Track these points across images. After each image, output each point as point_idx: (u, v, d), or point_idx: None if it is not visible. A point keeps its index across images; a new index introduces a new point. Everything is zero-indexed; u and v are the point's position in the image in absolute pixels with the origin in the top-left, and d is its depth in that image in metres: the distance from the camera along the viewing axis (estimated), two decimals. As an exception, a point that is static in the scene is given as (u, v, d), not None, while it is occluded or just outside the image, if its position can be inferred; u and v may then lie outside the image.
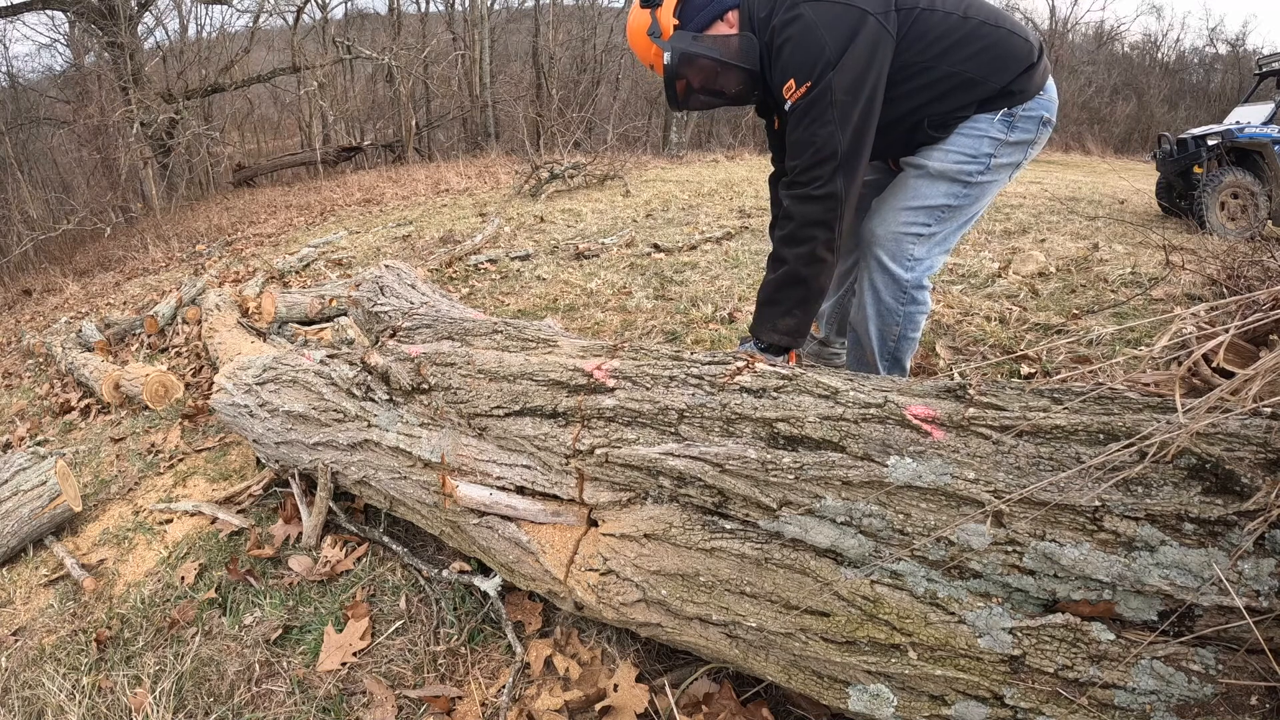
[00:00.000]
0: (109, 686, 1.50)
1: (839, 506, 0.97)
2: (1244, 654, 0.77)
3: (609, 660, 1.35)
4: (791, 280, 1.63)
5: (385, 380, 1.62)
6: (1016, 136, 1.61)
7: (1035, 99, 1.61)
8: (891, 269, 1.70)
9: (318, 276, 5.34)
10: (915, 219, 1.67)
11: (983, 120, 1.60)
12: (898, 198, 1.71)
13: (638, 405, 1.20)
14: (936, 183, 1.65)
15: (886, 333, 1.78)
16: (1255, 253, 3.12)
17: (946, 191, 1.65)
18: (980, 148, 1.61)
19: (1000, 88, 1.57)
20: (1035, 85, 1.60)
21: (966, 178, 1.63)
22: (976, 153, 1.61)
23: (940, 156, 1.64)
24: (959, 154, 1.62)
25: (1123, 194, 7.76)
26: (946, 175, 1.64)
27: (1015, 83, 1.58)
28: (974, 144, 1.61)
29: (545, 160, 9.16)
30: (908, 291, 1.72)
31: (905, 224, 1.68)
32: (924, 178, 1.67)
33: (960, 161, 1.62)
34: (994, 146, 1.61)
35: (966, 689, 0.87)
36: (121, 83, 12.95)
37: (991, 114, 1.59)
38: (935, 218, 1.67)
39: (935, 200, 1.65)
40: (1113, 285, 3.34)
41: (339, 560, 1.76)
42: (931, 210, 1.67)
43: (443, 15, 19.36)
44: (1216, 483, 0.80)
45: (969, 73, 1.56)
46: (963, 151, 1.62)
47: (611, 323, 3.24)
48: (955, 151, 1.63)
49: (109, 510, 2.35)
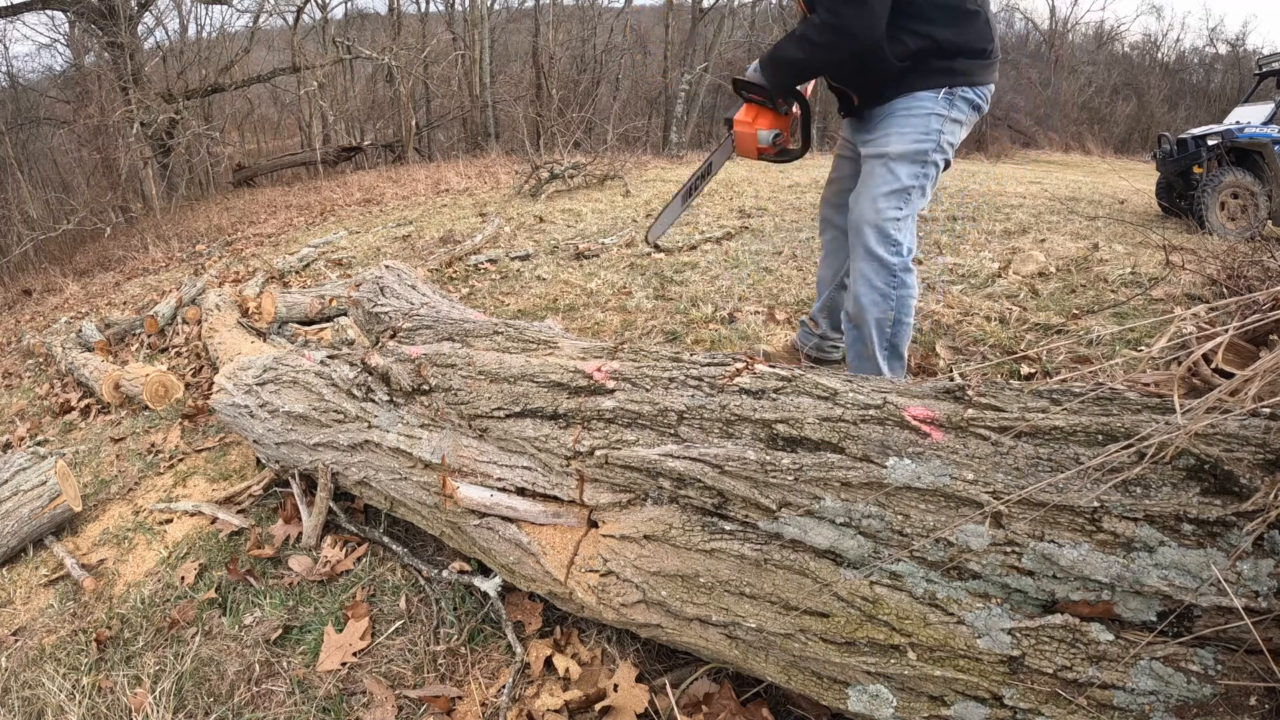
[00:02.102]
0: (109, 686, 1.50)
1: (838, 507, 0.97)
2: (1243, 654, 0.77)
3: (609, 660, 1.36)
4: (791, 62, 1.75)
5: (386, 381, 1.62)
6: (955, 114, 1.74)
7: (974, 88, 1.74)
8: (880, 254, 1.78)
9: (318, 276, 5.34)
10: (890, 204, 1.77)
11: (925, 98, 1.72)
12: (871, 187, 1.80)
13: (637, 407, 1.20)
14: (899, 166, 1.76)
15: (884, 320, 1.84)
16: (1255, 253, 3.12)
17: (909, 172, 1.76)
18: (930, 125, 1.73)
19: (955, 49, 1.68)
20: (980, 75, 1.73)
21: (924, 156, 1.75)
22: (928, 130, 1.73)
23: (897, 140, 1.75)
24: (913, 134, 1.74)
25: (1123, 194, 7.76)
26: (906, 157, 1.75)
27: (966, 60, 1.70)
28: (923, 122, 1.73)
29: (545, 160, 9.15)
30: (897, 275, 1.80)
31: (883, 210, 1.77)
32: (888, 163, 1.77)
33: (916, 141, 1.74)
34: (940, 123, 1.73)
35: (966, 689, 0.87)
36: (121, 83, 12.95)
37: (934, 91, 1.71)
38: (904, 200, 1.78)
39: (904, 182, 1.76)
40: (1113, 285, 3.34)
41: (339, 560, 1.76)
42: (902, 193, 1.77)
43: (443, 15, 19.37)
44: (1215, 483, 0.80)
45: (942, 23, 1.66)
46: (915, 131, 1.73)
47: (611, 323, 3.24)
48: (909, 133, 1.74)
49: (109, 510, 2.35)
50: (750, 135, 1.90)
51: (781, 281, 3.68)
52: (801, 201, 6.51)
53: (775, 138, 1.90)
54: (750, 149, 1.93)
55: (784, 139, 1.92)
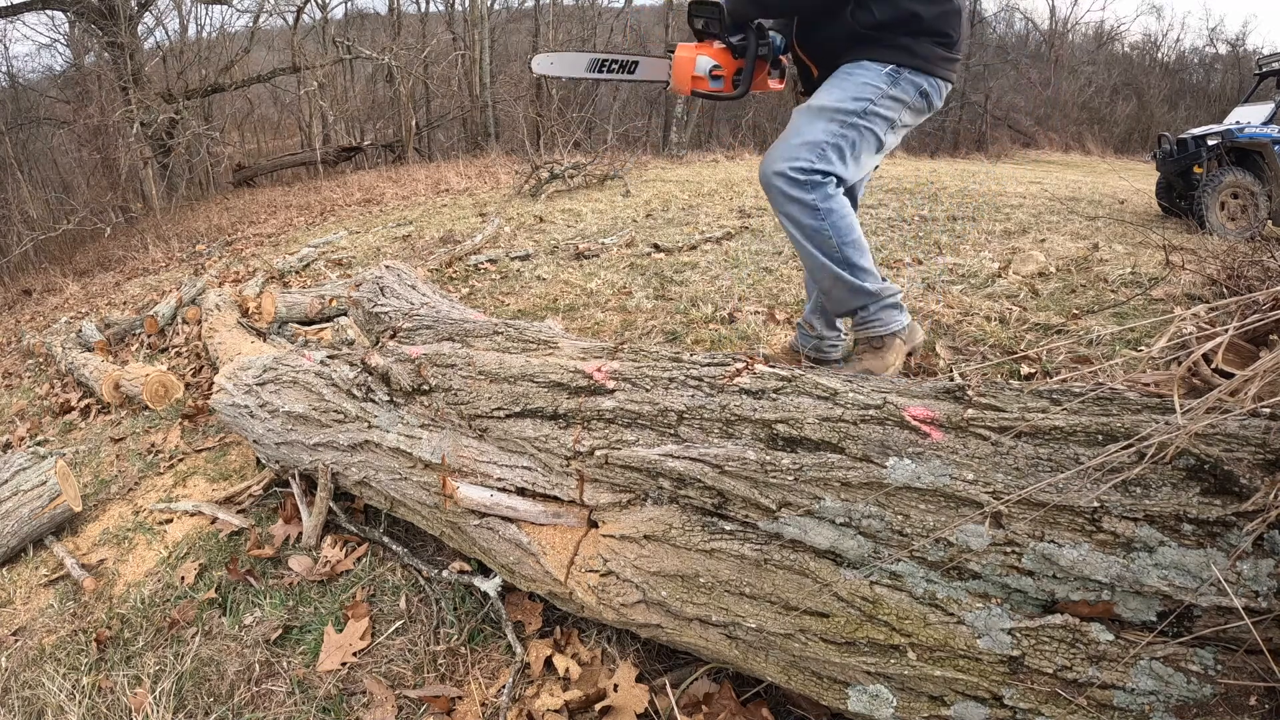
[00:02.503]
0: (109, 686, 1.50)
1: (838, 508, 0.97)
2: (1243, 654, 0.77)
3: (609, 660, 1.36)
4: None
5: (386, 381, 1.62)
6: (896, 92, 1.71)
7: (926, 76, 1.72)
8: (794, 194, 1.74)
9: (318, 276, 5.34)
10: (803, 152, 1.72)
11: (870, 67, 1.71)
12: (787, 136, 1.77)
13: (637, 407, 1.20)
14: (819, 119, 1.73)
15: (828, 250, 1.79)
16: (1255, 253, 3.11)
17: (827, 129, 1.72)
18: (864, 90, 1.70)
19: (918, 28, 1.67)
20: (936, 65, 1.71)
21: (847, 116, 1.71)
22: (860, 94, 1.70)
23: (824, 95, 1.73)
24: (841, 92, 1.72)
25: (1123, 194, 7.76)
26: (828, 111, 1.72)
27: (928, 44, 1.69)
28: (857, 86, 1.71)
29: (545, 160, 9.16)
30: (819, 206, 1.74)
31: (795, 158, 1.72)
32: (809, 113, 1.75)
33: (842, 101, 1.71)
34: (875, 93, 1.70)
35: (966, 689, 0.87)
36: (121, 83, 12.95)
37: (881, 64, 1.70)
38: (819, 154, 1.72)
39: (819, 136, 1.72)
40: (1113, 285, 3.34)
41: (339, 560, 1.76)
42: (816, 146, 1.72)
43: (443, 15, 19.36)
44: (1215, 483, 0.80)
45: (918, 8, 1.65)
46: (847, 92, 1.71)
47: (611, 323, 3.24)
48: (838, 91, 1.72)
49: (109, 510, 2.35)
50: (689, 60, 1.81)
51: (781, 281, 3.68)
52: (801, 201, 6.50)
53: (713, 69, 1.80)
54: (685, 76, 1.83)
55: (723, 75, 1.81)
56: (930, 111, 1.82)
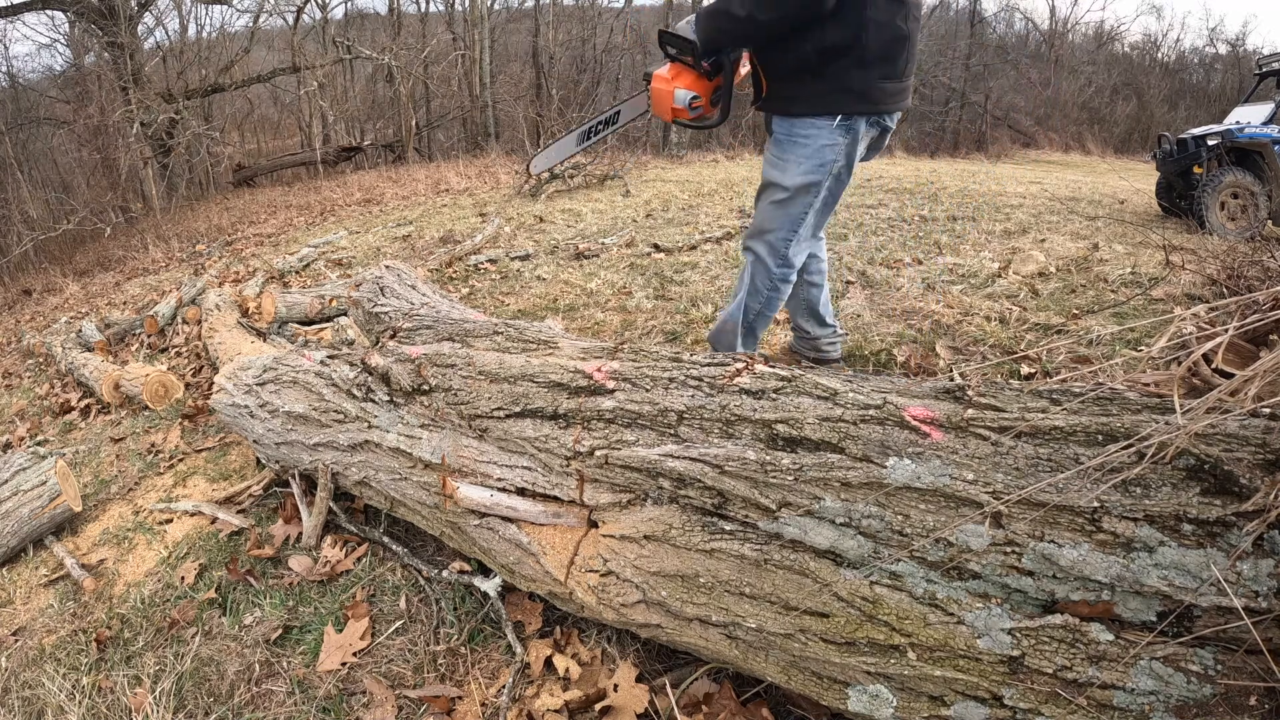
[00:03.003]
0: (109, 686, 1.50)
1: (838, 508, 0.97)
2: (1243, 654, 0.77)
3: (609, 660, 1.36)
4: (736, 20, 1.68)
5: (386, 381, 1.62)
6: (851, 139, 1.80)
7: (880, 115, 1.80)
8: (769, 264, 1.96)
9: (318, 276, 5.34)
10: (786, 229, 1.90)
11: (823, 126, 1.76)
12: (770, 210, 1.90)
13: (637, 407, 1.20)
14: (796, 198, 1.85)
15: (752, 307, 2.03)
16: (1255, 253, 3.11)
17: (804, 203, 1.86)
18: (825, 156, 1.79)
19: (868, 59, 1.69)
20: (884, 102, 1.77)
21: (817, 188, 1.84)
22: (823, 161, 1.80)
23: (794, 171, 1.82)
24: (808, 165, 1.80)
25: (1123, 194, 7.76)
26: (802, 189, 1.84)
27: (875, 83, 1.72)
28: (818, 155, 1.79)
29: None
30: (775, 283, 1.99)
31: (779, 232, 1.91)
32: (783, 193, 1.86)
33: (810, 174, 1.81)
34: (835, 152, 1.79)
35: (966, 689, 0.87)
36: (121, 83, 12.94)
37: (831, 118, 1.76)
38: (799, 224, 1.90)
39: (797, 212, 1.88)
40: (1113, 285, 3.34)
41: (339, 560, 1.76)
42: (797, 219, 1.89)
43: (443, 15, 19.35)
44: (1215, 483, 0.80)
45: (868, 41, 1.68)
46: (811, 164, 1.80)
47: (611, 323, 3.24)
48: (805, 164, 1.80)
49: (109, 510, 2.35)
50: (667, 93, 1.80)
51: (781, 281, 3.67)
52: (801, 201, 6.50)
53: (693, 100, 1.79)
54: (665, 109, 1.83)
55: (702, 104, 1.82)
56: (885, 138, 1.93)
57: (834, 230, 5.06)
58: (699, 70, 1.80)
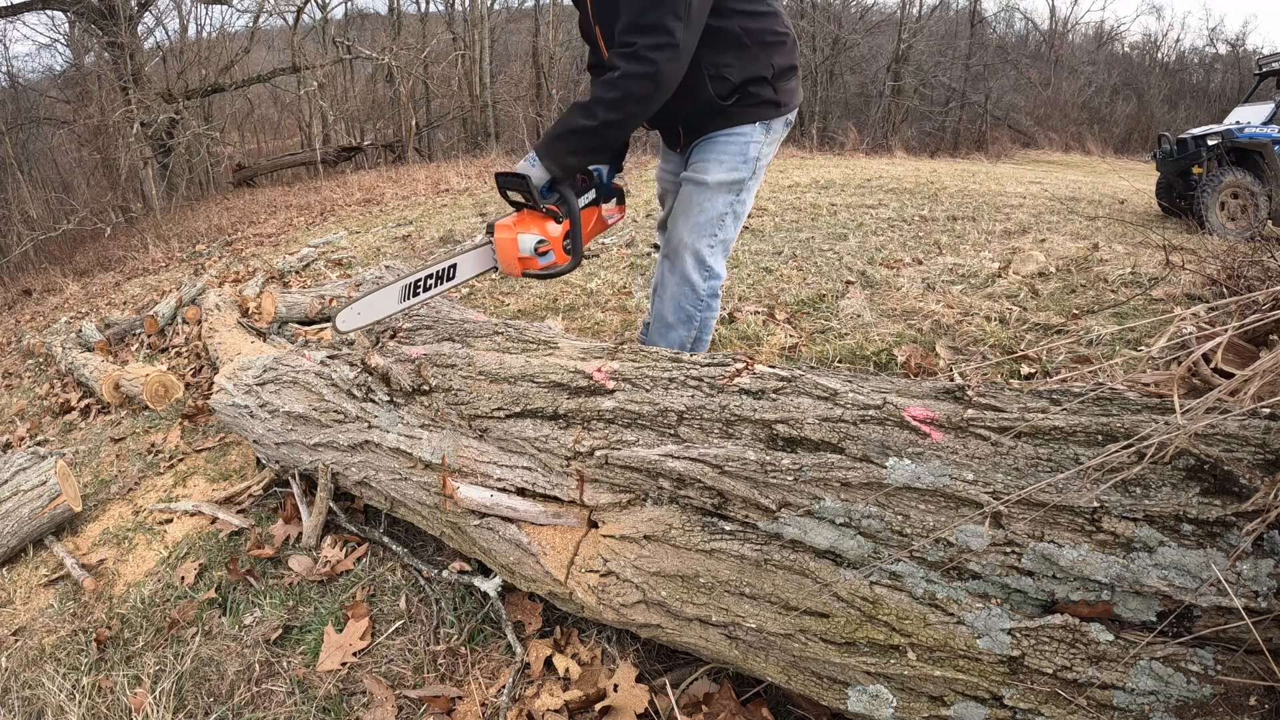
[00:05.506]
0: (109, 686, 1.50)
1: (838, 508, 0.97)
2: (1243, 654, 0.77)
3: (609, 660, 1.36)
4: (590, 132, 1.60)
5: (386, 381, 1.62)
6: (771, 139, 1.81)
7: (790, 111, 1.81)
8: (694, 280, 1.83)
9: (318, 276, 5.34)
10: (708, 231, 1.81)
11: (746, 130, 1.76)
12: (691, 214, 1.81)
13: (637, 407, 1.20)
14: (718, 195, 1.79)
15: (686, 338, 1.91)
16: (1255, 253, 3.12)
17: (725, 201, 1.80)
18: (748, 153, 1.77)
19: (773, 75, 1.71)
20: (792, 99, 1.79)
21: (740, 185, 1.80)
22: (745, 158, 1.78)
23: (716, 169, 1.77)
24: (730, 162, 1.77)
25: (1123, 194, 7.76)
26: (724, 186, 1.78)
27: (785, 85, 1.75)
28: (741, 151, 1.77)
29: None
30: (704, 300, 1.86)
31: (701, 237, 1.81)
32: (706, 191, 1.79)
33: (734, 170, 1.78)
34: (758, 149, 1.78)
35: (965, 690, 0.87)
36: (121, 83, 12.94)
37: (751, 125, 1.75)
38: (720, 226, 1.82)
39: (720, 210, 1.80)
40: (1113, 285, 3.34)
41: (339, 560, 1.76)
42: (718, 220, 1.81)
43: (443, 15, 19.34)
44: (1215, 484, 0.80)
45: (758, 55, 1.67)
46: (734, 159, 1.77)
47: (611, 323, 3.24)
48: (728, 161, 1.77)
49: (109, 510, 2.35)
50: (510, 241, 1.61)
51: (781, 281, 3.68)
52: (801, 201, 6.51)
53: (538, 244, 1.60)
54: (510, 259, 1.64)
55: (551, 248, 1.63)
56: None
57: (834, 230, 5.07)
58: (543, 212, 1.64)
